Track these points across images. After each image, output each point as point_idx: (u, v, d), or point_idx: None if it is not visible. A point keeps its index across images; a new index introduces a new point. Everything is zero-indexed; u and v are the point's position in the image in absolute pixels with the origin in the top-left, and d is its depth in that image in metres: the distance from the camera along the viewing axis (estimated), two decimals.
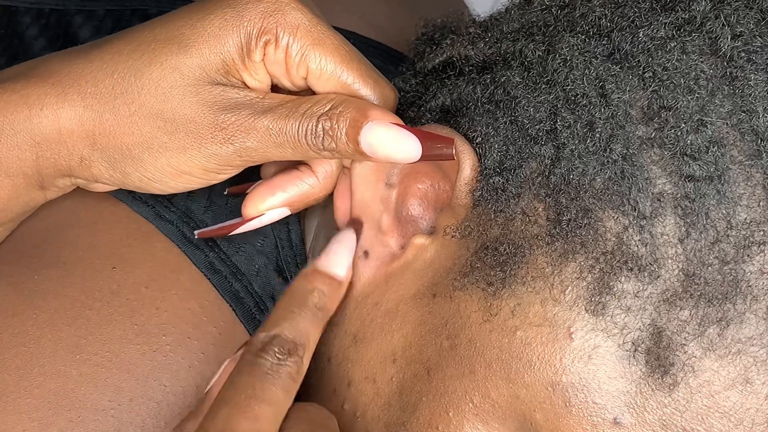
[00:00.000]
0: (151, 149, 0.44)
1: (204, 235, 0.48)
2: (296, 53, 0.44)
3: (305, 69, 0.45)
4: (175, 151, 0.44)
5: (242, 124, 0.43)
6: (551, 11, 0.45)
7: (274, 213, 0.47)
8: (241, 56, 0.44)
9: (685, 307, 0.38)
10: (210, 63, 0.44)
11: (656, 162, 0.39)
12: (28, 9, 0.62)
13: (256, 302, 0.49)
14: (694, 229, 0.38)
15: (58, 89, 0.44)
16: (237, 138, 0.43)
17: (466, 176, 0.43)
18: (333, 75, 0.44)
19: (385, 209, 0.46)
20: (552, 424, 0.39)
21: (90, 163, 0.45)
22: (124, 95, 0.44)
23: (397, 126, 0.43)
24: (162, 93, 0.43)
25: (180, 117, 0.43)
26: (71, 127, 0.44)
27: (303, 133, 0.43)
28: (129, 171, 0.45)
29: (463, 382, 0.41)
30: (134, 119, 0.44)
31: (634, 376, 0.38)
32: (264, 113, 0.43)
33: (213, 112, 0.43)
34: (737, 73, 0.39)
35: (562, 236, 0.40)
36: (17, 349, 0.44)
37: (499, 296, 0.41)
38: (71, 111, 0.44)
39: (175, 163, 0.44)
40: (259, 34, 0.44)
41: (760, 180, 0.38)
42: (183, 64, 0.44)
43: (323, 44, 0.44)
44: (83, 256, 0.47)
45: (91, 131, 0.44)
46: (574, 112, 0.41)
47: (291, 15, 0.44)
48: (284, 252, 0.51)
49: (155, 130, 0.44)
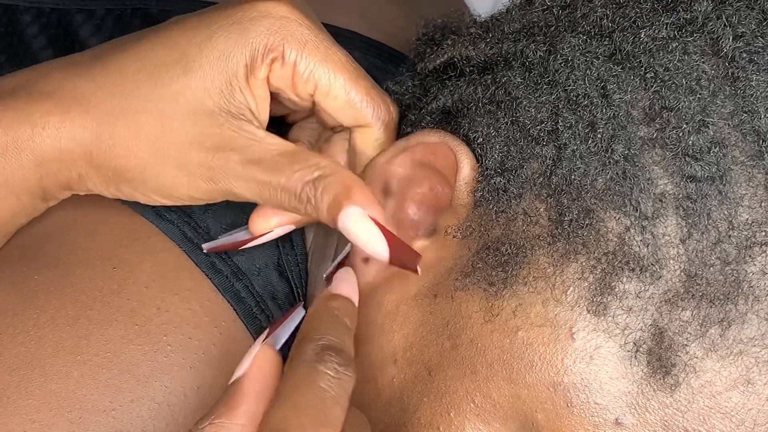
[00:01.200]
0: (144, 174, 0.44)
1: (212, 250, 0.48)
2: (304, 70, 0.44)
3: (313, 85, 0.45)
4: (167, 179, 0.44)
5: (231, 170, 0.43)
6: (552, 11, 0.45)
7: (280, 231, 0.47)
8: (246, 74, 0.44)
9: (686, 308, 0.38)
10: (214, 84, 0.44)
11: (658, 162, 0.39)
12: (28, 7, 0.62)
13: (257, 302, 0.49)
14: (695, 229, 0.38)
15: (61, 108, 0.44)
16: (222, 181, 0.44)
17: (466, 176, 0.43)
18: (341, 91, 0.45)
19: None
20: (553, 425, 0.39)
21: (86, 179, 0.45)
22: (124, 116, 0.44)
23: (373, 225, 0.42)
24: (161, 118, 0.44)
25: (173, 147, 0.44)
26: (71, 147, 0.44)
27: (286, 195, 0.43)
28: (122, 188, 0.45)
29: (465, 383, 0.41)
30: (131, 143, 0.44)
31: (635, 377, 0.38)
32: (254, 162, 0.43)
33: (205, 150, 0.43)
34: (739, 74, 0.39)
35: (563, 237, 0.40)
36: (18, 350, 0.44)
37: (500, 296, 0.41)
38: (72, 131, 0.44)
39: (166, 190, 0.45)
40: (266, 52, 0.44)
41: (762, 181, 0.38)
42: (186, 87, 0.44)
43: (332, 61, 0.45)
44: (84, 256, 0.47)
45: (88, 151, 0.44)
46: (575, 113, 0.41)
47: (298, 31, 0.44)
48: (285, 251, 0.51)
49: (150, 156, 0.44)
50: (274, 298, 0.50)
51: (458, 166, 0.43)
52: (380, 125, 0.46)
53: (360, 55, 0.59)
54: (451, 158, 0.44)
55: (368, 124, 0.46)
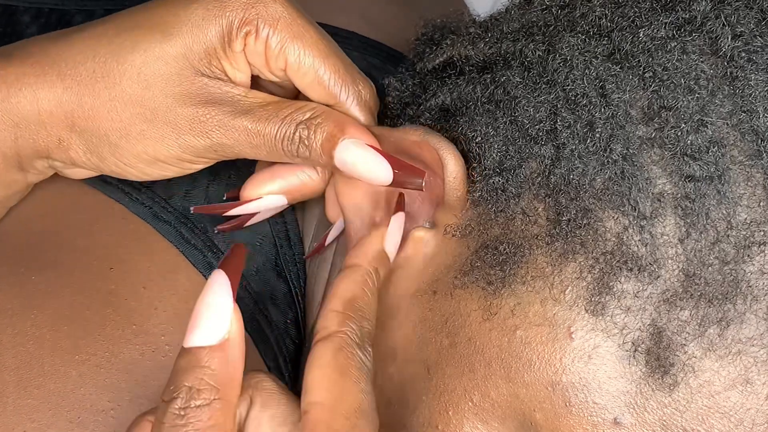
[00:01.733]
0: (129, 136, 0.44)
1: (199, 210, 0.48)
2: (275, 45, 0.45)
3: (284, 61, 0.45)
4: (153, 139, 0.44)
5: (221, 121, 0.44)
6: (551, 11, 0.45)
7: (271, 199, 0.47)
8: (223, 46, 0.45)
9: (685, 308, 0.38)
10: (193, 52, 0.44)
11: (656, 162, 0.39)
12: (27, 8, 0.62)
13: (255, 302, 0.49)
14: (694, 229, 0.38)
15: (37, 69, 0.44)
16: (214, 133, 0.44)
17: (452, 170, 0.43)
18: (311, 68, 0.45)
19: (376, 206, 0.46)
20: (552, 424, 0.39)
21: (68, 146, 0.45)
22: (105, 79, 0.44)
23: (372, 149, 0.44)
24: (144, 80, 0.44)
25: (160, 106, 0.44)
26: (50, 108, 0.44)
27: (279, 138, 0.44)
28: (105, 155, 0.45)
29: (463, 381, 0.41)
30: (114, 104, 0.44)
31: (634, 376, 0.38)
32: (243, 113, 0.44)
33: (193, 104, 0.44)
34: (738, 73, 0.39)
35: (562, 236, 0.40)
36: (16, 350, 0.44)
37: (499, 295, 0.41)
38: (50, 92, 0.44)
39: (151, 150, 0.45)
40: (240, 25, 0.45)
41: (761, 180, 0.38)
42: (167, 53, 0.44)
43: (302, 37, 0.45)
44: (81, 257, 0.47)
45: (70, 113, 0.44)
46: (574, 112, 0.41)
47: (272, 7, 0.45)
48: (283, 251, 0.51)
49: (134, 116, 0.44)
50: (272, 298, 0.50)
51: (442, 163, 0.44)
52: (351, 103, 0.46)
53: (359, 54, 0.59)
54: (436, 154, 0.44)
55: (337, 103, 0.46)
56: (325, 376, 0.37)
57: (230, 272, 0.36)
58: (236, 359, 0.35)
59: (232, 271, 0.36)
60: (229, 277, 0.36)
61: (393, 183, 0.44)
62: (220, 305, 0.35)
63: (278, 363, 0.49)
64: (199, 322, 0.35)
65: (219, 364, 0.35)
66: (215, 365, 0.34)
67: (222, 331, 0.35)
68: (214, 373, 0.34)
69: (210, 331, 0.35)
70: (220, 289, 0.35)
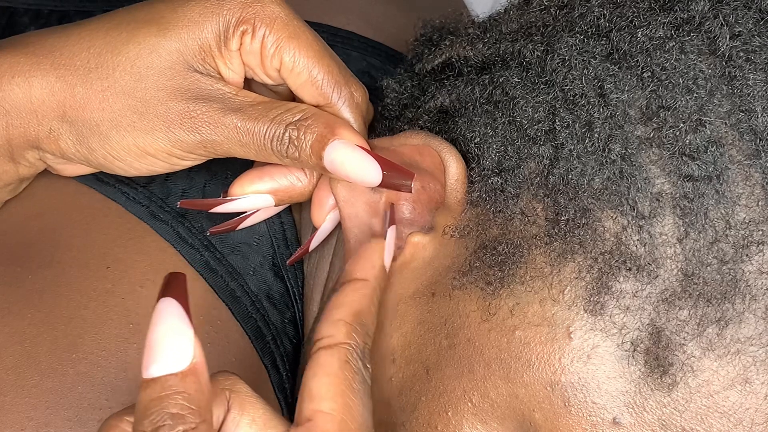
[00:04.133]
0: (120, 127, 0.44)
1: (186, 205, 0.48)
2: (271, 45, 0.45)
3: (279, 61, 0.45)
4: (143, 131, 0.44)
5: (211, 117, 0.44)
6: (550, 11, 0.45)
7: (258, 198, 0.47)
8: (218, 44, 0.45)
9: (684, 307, 0.38)
10: (188, 48, 0.45)
11: (655, 162, 0.39)
12: (27, 9, 0.62)
13: (252, 301, 0.49)
14: (692, 228, 0.38)
15: (31, 58, 0.45)
16: (204, 129, 0.44)
17: (454, 173, 0.43)
18: (304, 69, 0.45)
19: (374, 213, 0.46)
20: (551, 424, 0.39)
21: (58, 136, 0.45)
22: (98, 69, 0.44)
23: (361, 150, 0.44)
24: (137, 72, 0.44)
25: (152, 98, 0.44)
26: (42, 96, 0.44)
27: (269, 138, 0.44)
28: (95, 147, 0.45)
29: (462, 382, 0.41)
30: (106, 95, 0.44)
31: (633, 376, 0.38)
32: (234, 111, 0.44)
33: (185, 99, 0.44)
34: (736, 73, 0.39)
35: (560, 236, 0.40)
36: (14, 348, 0.44)
37: (497, 296, 0.41)
38: (43, 80, 0.44)
39: (141, 143, 0.45)
40: (237, 23, 0.45)
41: (759, 179, 0.38)
42: (161, 46, 0.44)
43: (298, 38, 0.45)
44: (78, 256, 0.47)
45: (62, 102, 0.44)
46: (572, 112, 0.41)
47: (269, 7, 0.45)
48: (280, 251, 0.51)
49: (126, 108, 0.44)
50: (269, 298, 0.50)
51: (444, 166, 0.44)
52: (343, 105, 0.46)
53: (358, 55, 0.59)
54: (437, 158, 0.44)
55: (329, 104, 0.46)
56: (333, 386, 0.37)
57: (177, 297, 0.35)
58: (207, 380, 0.35)
59: (180, 296, 0.35)
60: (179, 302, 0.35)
61: (382, 184, 0.43)
62: (178, 331, 0.34)
63: (276, 362, 0.49)
64: (161, 351, 0.34)
65: (194, 388, 0.34)
66: (192, 390, 0.34)
67: (188, 355, 0.34)
68: (192, 397, 0.34)
69: (176, 357, 0.34)
70: (172, 315, 0.35)
